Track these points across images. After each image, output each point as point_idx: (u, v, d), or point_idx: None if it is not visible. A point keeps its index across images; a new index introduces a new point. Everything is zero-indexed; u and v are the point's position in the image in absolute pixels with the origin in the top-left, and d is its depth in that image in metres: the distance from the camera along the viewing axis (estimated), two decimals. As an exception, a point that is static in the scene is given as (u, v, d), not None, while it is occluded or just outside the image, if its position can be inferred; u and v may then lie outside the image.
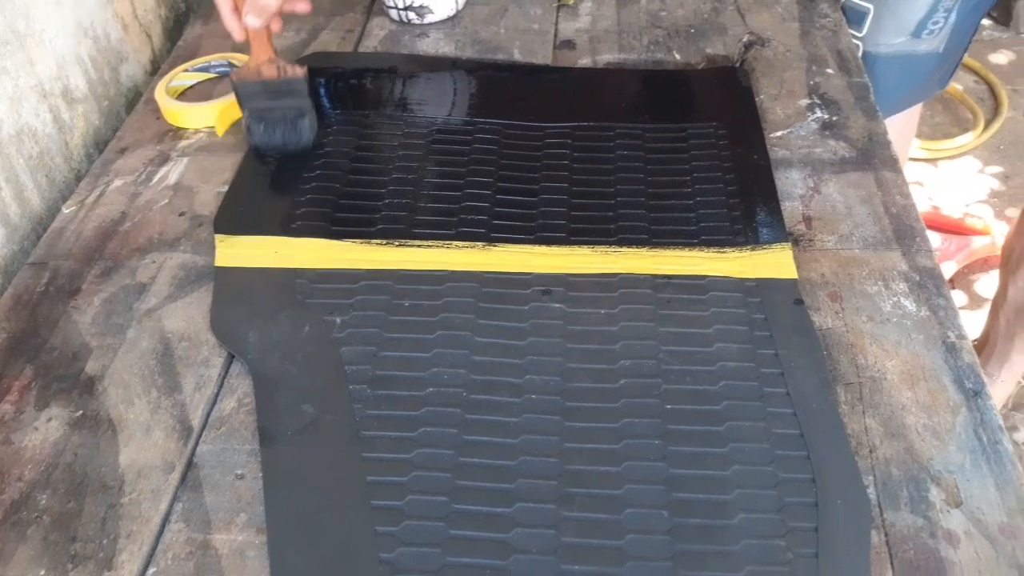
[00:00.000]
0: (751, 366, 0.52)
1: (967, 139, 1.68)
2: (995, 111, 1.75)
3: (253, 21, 0.65)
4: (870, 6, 0.84)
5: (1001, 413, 1.14)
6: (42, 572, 0.44)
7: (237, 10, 0.66)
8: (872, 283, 0.58)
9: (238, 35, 0.67)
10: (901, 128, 1.03)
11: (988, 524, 0.45)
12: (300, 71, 0.69)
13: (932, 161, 1.68)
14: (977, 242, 1.45)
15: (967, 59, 1.88)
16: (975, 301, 1.42)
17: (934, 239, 1.45)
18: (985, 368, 1.04)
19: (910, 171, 1.66)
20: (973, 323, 1.36)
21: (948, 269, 1.42)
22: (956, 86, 1.82)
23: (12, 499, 0.48)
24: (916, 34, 0.84)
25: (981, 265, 1.47)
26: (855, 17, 0.86)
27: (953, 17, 0.83)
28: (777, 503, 0.46)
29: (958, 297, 1.43)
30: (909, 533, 0.45)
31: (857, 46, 0.86)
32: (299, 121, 0.69)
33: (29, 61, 0.68)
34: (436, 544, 0.44)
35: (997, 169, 1.66)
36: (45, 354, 0.55)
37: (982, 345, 1.05)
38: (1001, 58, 1.91)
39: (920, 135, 1.72)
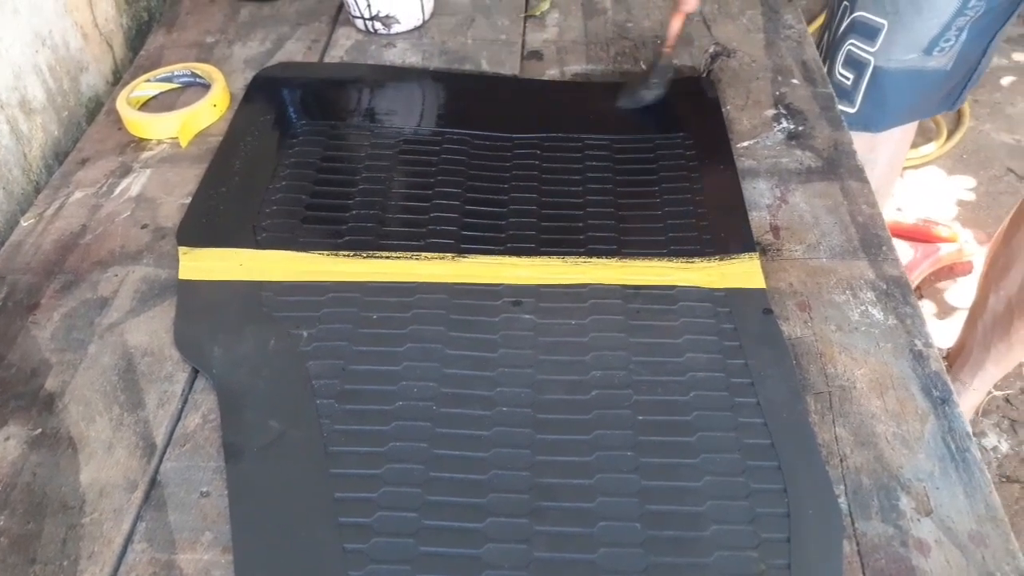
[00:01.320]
0: (721, 376, 0.52)
1: (930, 149, 1.71)
2: (957, 121, 1.79)
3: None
4: (884, 22, 0.84)
5: (970, 421, 1.16)
6: (-2, 597, 0.43)
7: None
8: (840, 292, 0.59)
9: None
10: (897, 143, 1.03)
11: (958, 532, 0.46)
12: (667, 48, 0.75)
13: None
14: (944, 250, 1.47)
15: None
16: (944, 309, 1.44)
17: (902, 248, 1.47)
18: (959, 376, 1.05)
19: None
20: (942, 331, 1.38)
21: (916, 278, 1.44)
22: (918, 97, 1.85)
23: (-34, 522, 0.46)
24: (928, 51, 0.84)
25: (948, 272, 1.49)
26: (868, 32, 0.86)
27: (964, 36, 0.84)
28: (749, 514, 0.46)
29: (927, 305, 1.45)
30: (880, 542, 0.45)
31: (868, 61, 0.86)
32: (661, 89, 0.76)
33: (-15, 71, 0.66)
34: (406, 561, 0.43)
35: (961, 178, 1.69)
36: (3, 371, 0.54)
37: (957, 353, 1.06)
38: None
39: (884, 145, 1.75)
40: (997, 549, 0.45)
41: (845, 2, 0.88)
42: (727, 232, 0.62)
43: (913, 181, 1.68)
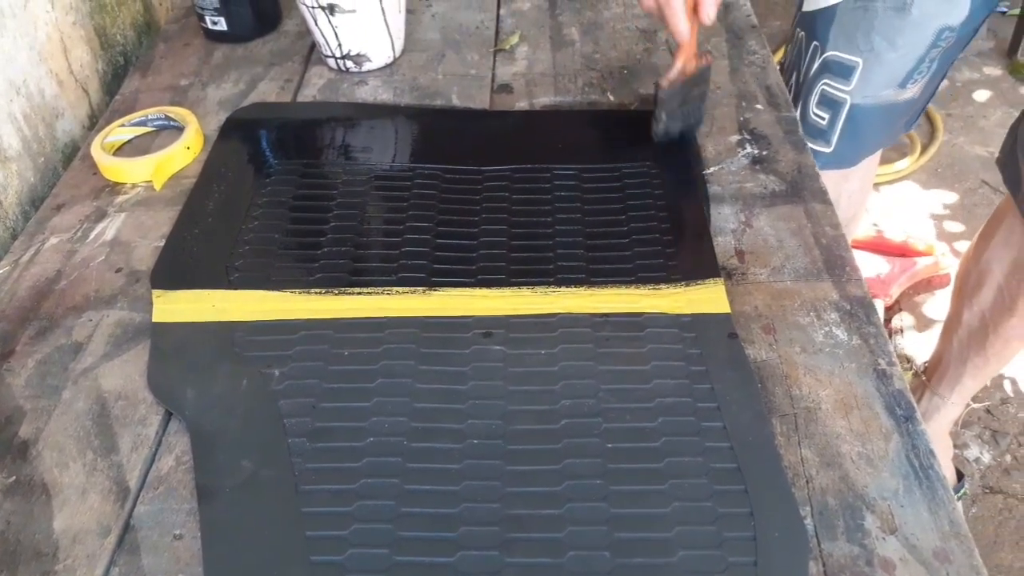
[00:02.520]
0: (688, 401, 0.53)
1: (905, 164, 1.74)
2: (931, 135, 1.81)
3: (714, 11, 0.68)
4: (859, 60, 0.85)
5: (951, 433, 1.17)
6: (-29, 648, 0.43)
7: (686, 16, 0.68)
8: (804, 314, 0.60)
9: (687, 34, 0.69)
10: (867, 169, 1.04)
11: (922, 549, 0.46)
12: (710, 58, 0.73)
13: (874, 187, 1.73)
14: (921, 263, 1.49)
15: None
16: (922, 322, 1.45)
17: (880, 263, 1.49)
18: (937, 390, 1.06)
19: (853, 196, 1.70)
20: (921, 345, 1.40)
21: (894, 292, 1.46)
22: (892, 113, 1.88)
23: (-60, 573, 0.46)
24: (903, 84, 0.85)
25: (925, 286, 1.51)
26: (842, 71, 0.86)
27: (935, 66, 0.85)
28: (716, 539, 0.46)
29: (905, 319, 1.47)
30: (846, 562, 0.46)
31: (844, 100, 0.87)
32: (702, 105, 0.75)
33: (-41, 122, 0.67)
34: (377, 597, 0.44)
35: (937, 192, 1.71)
36: (-24, 420, 0.54)
37: (934, 368, 1.07)
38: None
39: (860, 161, 1.77)
40: (961, 565, 0.46)
41: (815, 42, 0.88)
42: (692, 258, 0.63)
43: (889, 196, 1.70)
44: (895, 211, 1.66)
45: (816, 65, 0.89)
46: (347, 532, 0.46)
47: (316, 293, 0.61)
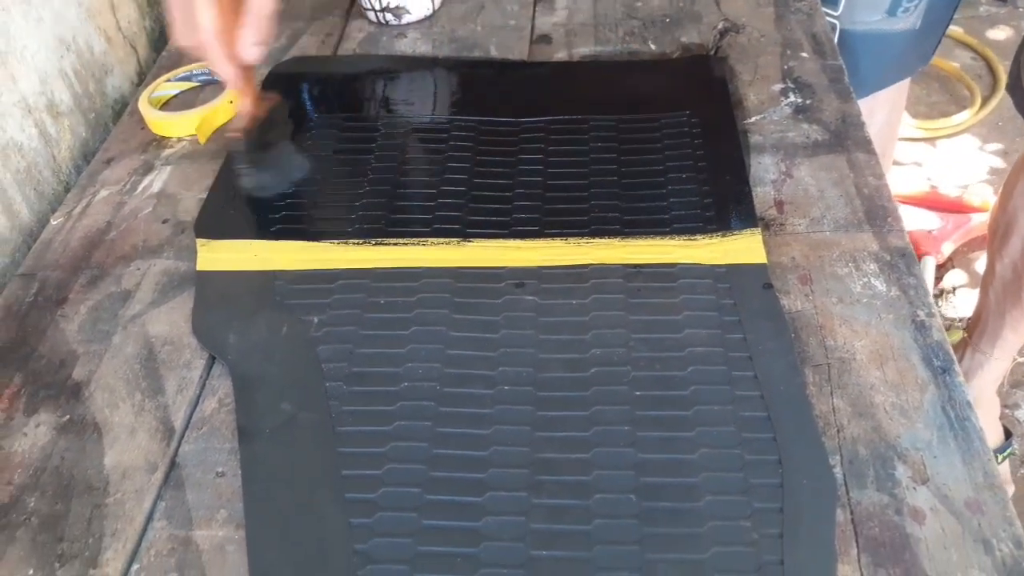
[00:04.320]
0: (719, 351, 0.53)
1: (964, 117, 1.68)
2: (993, 88, 1.74)
3: (257, 52, 0.57)
4: None
5: (1000, 392, 1.14)
6: (30, 572, 0.46)
7: (228, 57, 0.57)
8: (842, 265, 0.59)
9: (236, 81, 0.59)
10: (892, 103, 1.03)
11: (954, 500, 0.46)
12: (275, 96, 0.65)
13: (930, 140, 1.68)
14: (976, 219, 1.44)
15: (963, 35, 1.87)
16: (975, 280, 1.41)
17: (933, 219, 1.45)
18: (979, 347, 1.04)
19: (909, 151, 1.65)
20: (973, 302, 1.36)
21: (947, 249, 1.42)
22: (953, 64, 1.81)
23: (2, 503, 0.49)
24: (891, 12, 0.85)
25: (980, 243, 1.46)
26: None
27: None
28: (743, 485, 0.46)
29: (958, 276, 1.43)
30: (875, 510, 0.46)
31: (834, 25, 0.86)
32: (291, 146, 0.68)
33: (11, 77, 0.69)
34: (409, 534, 0.45)
35: (996, 146, 1.65)
36: (34, 362, 0.57)
37: (975, 324, 1.05)
38: (999, 34, 1.89)
39: (917, 114, 1.72)
40: (994, 516, 0.45)
41: None
42: (730, 208, 0.62)
43: (946, 150, 1.65)
44: (952, 166, 1.61)
45: None
46: (381, 471, 0.48)
47: (354, 243, 0.62)
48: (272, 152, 0.66)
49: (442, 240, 0.62)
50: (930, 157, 1.63)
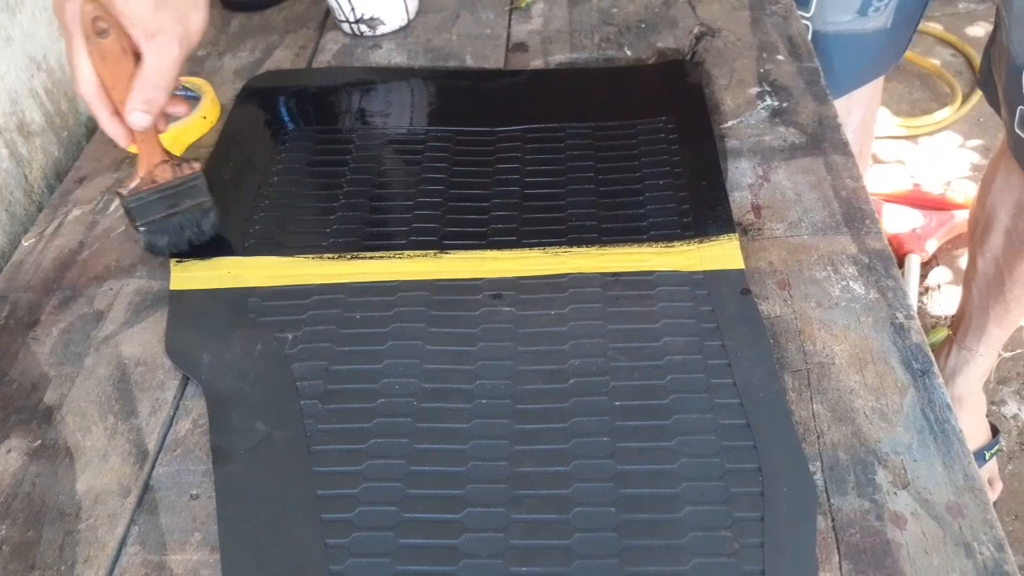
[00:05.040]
0: (698, 358, 0.53)
1: (946, 114, 1.68)
2: (973, 84, 1.75)
3: (141, 119, 0.55)
4: None
5: (987, 389, 1.14)
6: (1, 602, 0.45)
7: (117, 113, 0.55)
8: (821, 268, 0.59)
9: (124, 140, 0.57)
10: (868, 102, 1.03)
11: (935, 503, 0.46)
12: (197, 165, 0.61)
13: (912, 138, 1.68)
14: (959, 216, 1.45)
15: (943, 32, 1.88)
16: (959, 276, 1.41)
17: (916, 217, 1.45)
18: (964, 343, 1.04)
19: (891, 149, 1.66)
20: (957, 299, 1.36)
21: (931, 247, 1.42)
22: (933, 61, 1.82)
23: (-28, 532, 0.48)
24: (863, 11, 0.85)
25: (964, 240, 1.47)
26: None
27: None
28: (723, 494, 0.46)
29: (943, 273, 1.43)
30: (856, 517, 0.45)
31: (806, 26, 0.87)
32: (203, 220, 0.62)
33: (-20, 98, 0.68)
34: (386, 554, 0.45)
35: (977, 142, 1.66)
36: (4, 386, 0.56)
37: (959, 320, 1.05)
38: (978, 30, 1.90)
39: (899, 112, 1.72)
40: (975, 519, 0.45)
41: None
42: (707, 215, 0.62)
43: (928, 147, 1.65)
44: (934, 163, 1.61)
45: None
46: (357, 490, 0.47)
47: (329, 258, 0.62)
48: (177, 218, 0.61)
49: (419, 252, 0.61)
50: (912, 155, 1.64)
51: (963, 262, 1.43)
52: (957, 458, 0.48)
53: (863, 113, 1.01)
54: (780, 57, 0.78)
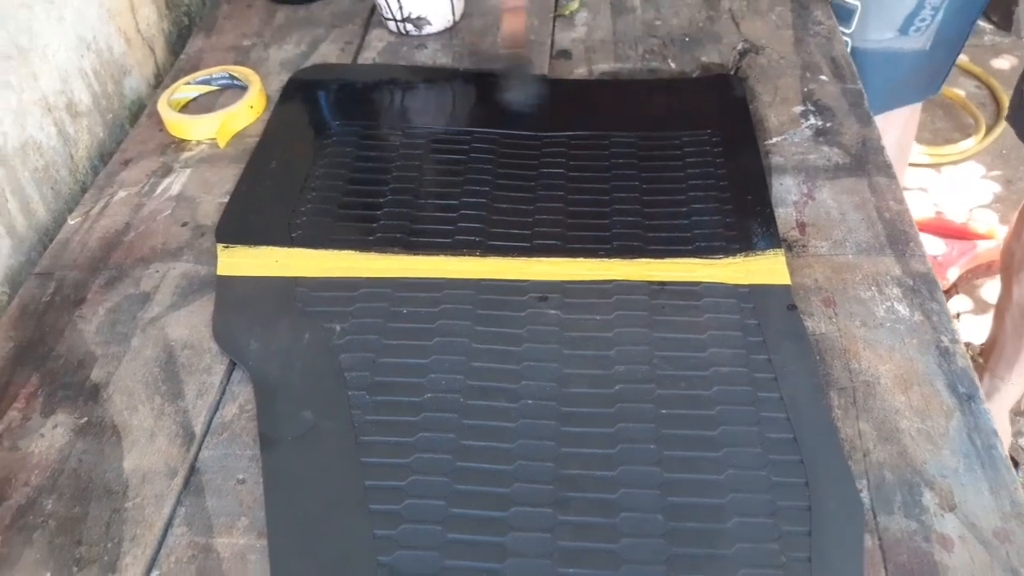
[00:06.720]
0: (744, 371, 0.53)
1: (969, 144, 1.69)
2: (997, 116, 1.76)
3: None
4: (857, 3, 0.87)
5: (1011, 416, 1.14)
6: (48, 575, 0.45)
7: None
8: (865, 288, 0.59)
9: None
10: (904, 125, 1.04)
11: (982, 528, 0.46)
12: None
13: (935, 166, 1.69)
14: (981, 246, 1.45)
15: (968, 64, 1.89)
16: (980, 306, 1.42)
17: (938, 245, 1.46)
18: (995, 371, 1.05)
19: (914, 177, 1.66)
20: (978, 328, 1.37)
21: (952, 275, 1.43)
22: (957, 91, 1.82)
23: (19, 504, 0.48)
24: (903, 30, 0.86)
25: (985, 270, 1.47)
26: (843, 15, 0.88)
27: (940, 16, 0.86)
28: (770, 507, 0.46)
29: (963, 302, 1.44)
30: (903, 537, 0.46)
31: (845, 43, 0.88)
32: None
33: (33, 75, 0.69)
34: (433, 547, 0.45)
35: (1000, 174, 1.66)
36: (51, 362, 0.56)
37: (990, 349, 1.06)
38: (1003, 63, 1.91)
39: (922, 140, 1.73)
40: (1022, 546, 0.45)
41: None
42: (753, 229, 0.62)
43: (951, 176, 1.66)
44: (957, 192, 1.62)
45: None
46: (405, 483, 0.48)
47: (376, 252, 0.62)
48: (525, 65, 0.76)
49: (464, 252, 0.62)
50: (935, 183, 1.65)
51: (984, 292, 1.43)
52: (1004, 484, 0.48)
53: (898, 136, 1.02)
54: (823, 77, 0.79)
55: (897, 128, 1.00)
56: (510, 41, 0.70)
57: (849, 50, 0.89)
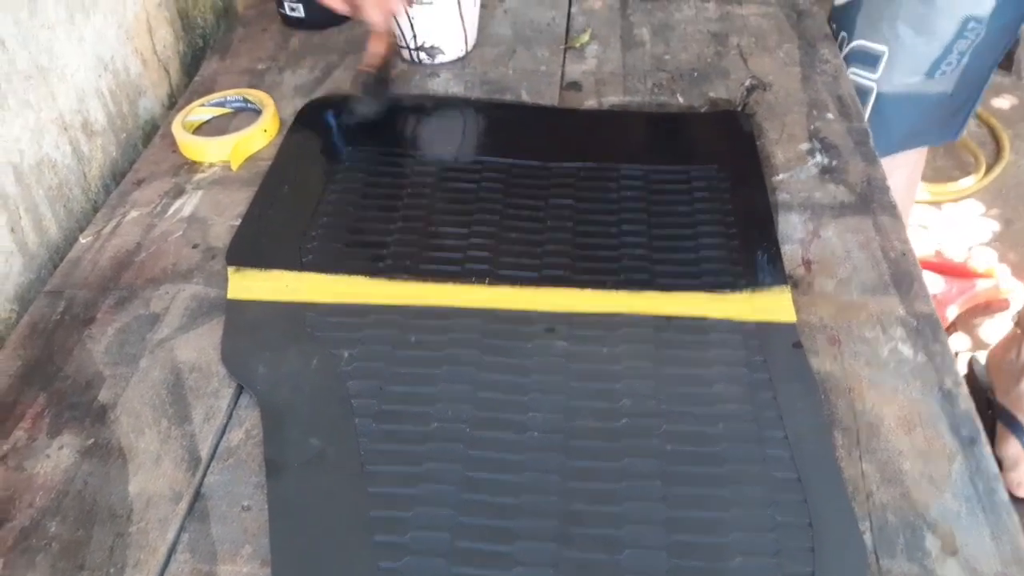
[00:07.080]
0: (749, 408, 0.53)
1: (969, 182, 1.70)
2: (997, 155, 1.77)
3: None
4: (884, 48, 0.87)
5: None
6: (50, 599, 0.45)
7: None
8: (870, 328, 0.59)
9: (384, 25, 0.74)
10: (912, 166, 1.04)
11: (984, 573, 0.46)
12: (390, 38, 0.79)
13: (935, 204, 1.70)
14: (980, 285, 1.46)
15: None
16: (978, 344, 1.42)
17: (938, 282, 1.46)
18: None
19: (915, 213, 1.67)
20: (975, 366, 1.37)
21: (951, 313, 1.43)
22: (959, 129, 1.84)
23: (22, 525, 0.48)
24: (930, 74, 0.87)
25: (984, 309, 1.48)
26: (869, 60, 0.89)
27: (965, 60, 0.86)
28: (774, 547, 0.46)
29: (961, 341, 1.44)
30: (904, 579, 0.46)
31: (871, 88, 0.88)
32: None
33: (51, 95, 0.70)
34: (438, 580, 0.45)
35: (999, 212, 1.67)
36: (59, 382, 0.57)
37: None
38: (1003, 103, 1.93)
39: (923, 177, 1.74)
40: (1023, 592, 0.45)
41: (843, 32, 0.92)
42: (759, 265, 0.63)
43: (951, 215, 1.67)
44: (956, 230, 1.63)
45: (844, 53, 0.91)
46: (410, 514, 0.48)
47: (385, 279, 0.62)
48: (380, 87, 0.78)
49: (473, 280, 0.62)
50: (935, 220, 1.66)
51: (982, 331, 1.44)
52: (1005, 529, 0.48)
53: (907, 176, 1.02)
54: (830, 115, 0.80)
55: (905, 169, 1.00)
56: (368, 60, 0.76)
57: (874, 96, 0.89)
